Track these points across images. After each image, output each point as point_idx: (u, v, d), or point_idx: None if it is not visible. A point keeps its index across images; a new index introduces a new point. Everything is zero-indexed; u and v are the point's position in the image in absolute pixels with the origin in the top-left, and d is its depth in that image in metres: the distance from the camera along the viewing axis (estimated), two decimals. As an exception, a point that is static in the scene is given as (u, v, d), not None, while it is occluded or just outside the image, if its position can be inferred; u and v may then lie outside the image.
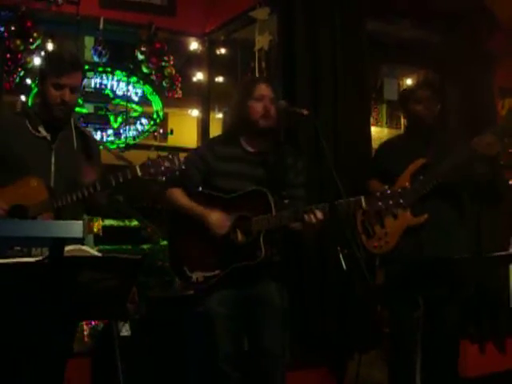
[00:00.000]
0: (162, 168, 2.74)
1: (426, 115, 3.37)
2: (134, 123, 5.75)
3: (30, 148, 2.77)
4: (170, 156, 2.76)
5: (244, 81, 3.42)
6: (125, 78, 5.33)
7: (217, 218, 2.91)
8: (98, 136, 5.50)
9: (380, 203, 2.77)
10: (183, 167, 2.89)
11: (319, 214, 2.78)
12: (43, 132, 2.82)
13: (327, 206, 2.79)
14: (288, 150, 3.11)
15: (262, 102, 2.98)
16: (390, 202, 2.76)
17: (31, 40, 4.65)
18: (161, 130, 6.56)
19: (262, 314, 2.98)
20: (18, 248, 2.40)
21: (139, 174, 2.71)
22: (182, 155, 3.24)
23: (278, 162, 3.03)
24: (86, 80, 5.03)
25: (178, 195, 3.04)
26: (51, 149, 2.81)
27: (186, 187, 3.04)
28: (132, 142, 5.72)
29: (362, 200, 2.79)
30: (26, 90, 5.04)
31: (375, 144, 4.60)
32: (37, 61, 4.85)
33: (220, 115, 6.58)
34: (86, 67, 5.00)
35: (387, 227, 3.37)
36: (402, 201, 2.75)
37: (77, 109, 5.33)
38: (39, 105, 2.88)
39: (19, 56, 4.67)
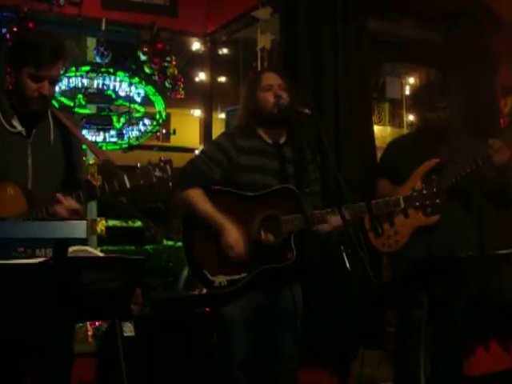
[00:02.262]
0: (153, 178, 2.52)
1: (438, 123, 3.37)
2: (137, 124, 5.75)
3: (3, 145, 2.52)
4: (162, 164, 2.55)
5: (251, 73, 3.29)
6: (127, 79, 5.33)
7: (234, 239, 2.72)
8: (100, 137, 5.51)
9: (417, 203, 2.77)
10: (202, 162, 2.81)
11: (347, 215, 2.68)
12: (18, 126, 2.56)
13: (364, 206, 2.74)
14: (304, 143, 2.94)
15: (272, 91, 2.86)
16: (427, 202, 2.76)
17: (33, 41, 4.64)
18: (163, 131, 6.56)
19: (282, 320, 2.87)
20: (22, 249, 2.38)
21: (128, 186, 2.51)
22: (185, 155, 3.22)
23: (297, 155, 2.90)
24: (88, 81, 5.04)
25: (198, 198, 2.81)
26: (27, 145, 2.56)
27: (205, 185, 2.84)
28: (135, 142, 5.73)
29: (401, 200, 2.79)
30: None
31: (378, 143, 4.60)
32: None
33: (222, 115, 6.58)
34: (88, 68, 5.01)
35: (397, 226, 3.33)
36: (438, 200, 2.75)
37: (79, 110, 5.35)
38: (12, 94, 2.58)
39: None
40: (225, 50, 5.47)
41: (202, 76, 5.67)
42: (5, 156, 2.52)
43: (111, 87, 5.34)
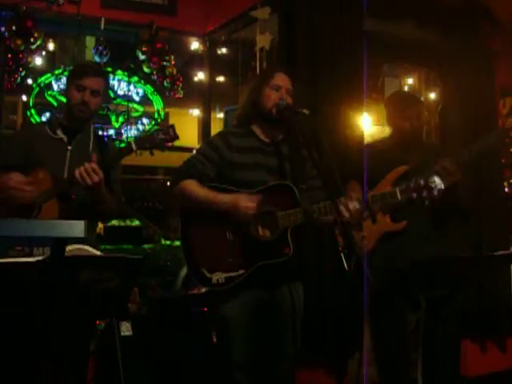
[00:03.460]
0: (157, 140, 2.84)
1: (412, 131, 3.38)
2: (135, 123, 5.76)
3: (46, 148, 2.97)
4: (165, 128, 2.86)
5: (265, 67, 3.29)
6: (126, 78, 5.34)
7: (246, 203, 2.70)
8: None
9: (414, 194, 2.77)
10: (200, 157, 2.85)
11: (351, 206, 2.67)
12: (60, 134, 3.01)
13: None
14: (301, 141, 2.91)
15: (279, 93, 2.87)
16: (424, 193, 2.75)
17: (32, 40, 4.65)
18: (162, 130, 6.57)
19: (281, 318, 2.85)
20: (20, 248, 2.39)
21: (134, 148, 2.82)
22: (183, 155, 3.23)
23: (293, 152, 2.91)
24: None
25: (195, 187, 2.82)
26: (67, 149, 2.98)
27: (200, 182, 2.84)
28: (133, 141, 5.73)
29: (397, 192, 2.79)
30: (27, 90, 5.05)
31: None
32: (38, 61, 4.86)
33: (221, 115, 6.58)
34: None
35: (365, 231, 3.34)
36: (435, 192, 2.75)
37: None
38: (64, 110, 3.11)
39: (20, 56, 4.68)
40: (224, 50, 5.47)
41: (200, 75, 5.68)
42: (46, 157, 2.93)
43: (110, 86, 5.35)
